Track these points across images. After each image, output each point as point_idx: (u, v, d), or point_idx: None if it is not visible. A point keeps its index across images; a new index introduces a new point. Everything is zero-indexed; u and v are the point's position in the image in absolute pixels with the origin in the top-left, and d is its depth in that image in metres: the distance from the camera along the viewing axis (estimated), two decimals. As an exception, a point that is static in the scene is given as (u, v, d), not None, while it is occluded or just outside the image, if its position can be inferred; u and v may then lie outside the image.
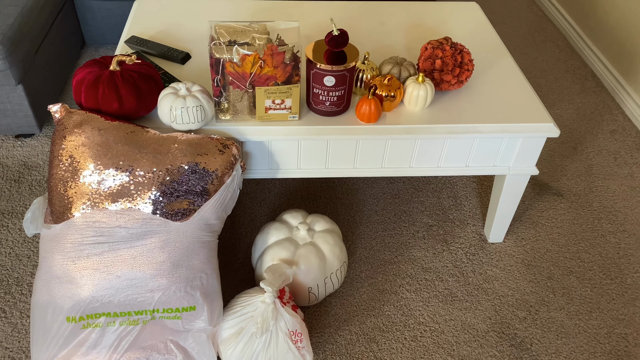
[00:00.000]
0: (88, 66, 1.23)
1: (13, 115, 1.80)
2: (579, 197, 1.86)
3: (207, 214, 1.20)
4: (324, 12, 1.74)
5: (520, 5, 2.97)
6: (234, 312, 1.25)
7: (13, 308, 1.42)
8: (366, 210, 1.76)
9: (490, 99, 1.43)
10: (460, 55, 1.38)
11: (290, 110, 1.30)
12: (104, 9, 2.25)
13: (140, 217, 1.14)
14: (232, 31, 1.23)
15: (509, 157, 1.44)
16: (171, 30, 1.60)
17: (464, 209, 1.79)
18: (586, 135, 2.13)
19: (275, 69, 1.22)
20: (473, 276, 1.59)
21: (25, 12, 1.77)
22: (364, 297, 1.51)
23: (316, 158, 1.39)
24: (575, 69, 2.50)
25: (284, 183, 1.84)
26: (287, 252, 1.38)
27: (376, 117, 1.32)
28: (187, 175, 1.16)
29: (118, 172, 1.13)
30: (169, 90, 1.21)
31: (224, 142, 1.23)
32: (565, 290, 1.57)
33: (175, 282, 1.17)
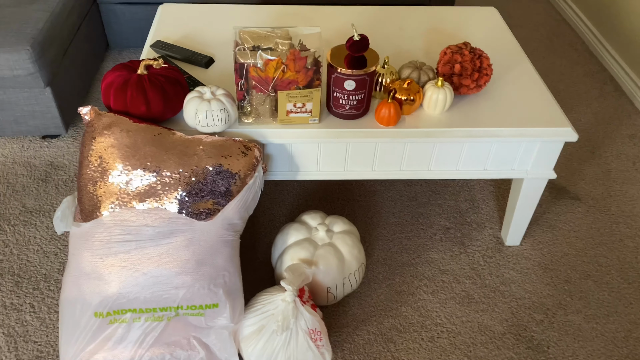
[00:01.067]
0: (117, 70, 1.27)
1: (41, 116, 1.86)
2: (596, 202, 1.87)
3: (231, 213, 1.23)
4: (343, 17, 1.76)
5: (538, 9, 2.97)
6: (255, 309, 1.29)
7: (41, 303, 1.46)
8: (384, 213, 1.79)
9: (508, 103, 1.45)
10: (479, 60, 1.40)
11: (311, 113, 1.33)
12: (127, 13, 2.30)
13: (166, 216, 1.17)
14: (255, 37, 1.26)
15: (527, 160, 1.45)
16: (195, 34, 1.64)
17: (482, 211, 1.81)
18: (604, 140, 2.13)
19: (297, 74, 1.25)
20: (490, 278, 1.60)
21: (54, 17, 1.82)
22: (382, 297, 1.54)
23: (335, 160, 1.42)
24: (594, 73, 2.49)
25: (302, 184, 1.87)
26: (306, 252, 1.41)
27: (395, 121, 1.35)
28: (212, 176, 1.20)
29: (145, 172, 1.17)
30: (195, 94, 1.25)
31: (246, 144, 1.26)
32: (582, 294, 1.58)
33: (199, 279, 1.20)
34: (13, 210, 1.71)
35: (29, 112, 1.84)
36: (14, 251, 1.59)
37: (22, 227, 1.66)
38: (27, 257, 1.58)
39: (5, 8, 1.81)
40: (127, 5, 2.27)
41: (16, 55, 1.66)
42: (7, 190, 1.78)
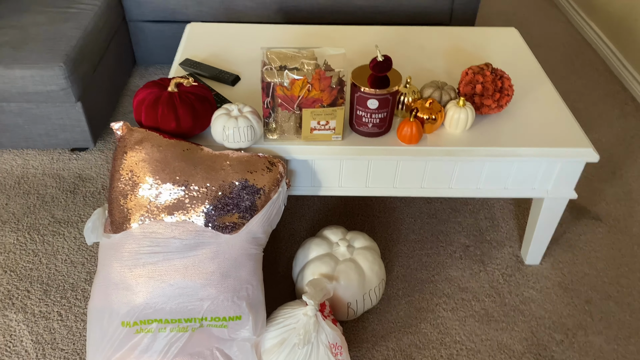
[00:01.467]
0: (148, 87, 1.32)
1: (71, 130, 1.92)
2: (618, 222, 1.86)
3: (255, 227, 1.26)
4: (366, 37, 1.80)
5: (558, 29, 2.98)
6: (277, 323, 1.31)
7: (68, 312, 1.50)
8: (403, 229, 1.80)
9: (529, 122, 1.46)
10: (501, 81, 1.42)
11: (334, 130, 1.37)
12: (155, 31, 2.37)
13: (193, 229, 1.21)
14: (282, 57, 1.30)
15: (547, 180, 1.46)
16: (221, 53, 1.69)
17: (501, 230, 1.81)
18: (626, 160, 2.12)
19: (322, 92, 1.28)
20: (510, 297, 1.61)
21: (86, 34, 1.89)
22: (401, 314, 1.55)
23: (357, 177, 1.44)
24: (615, 93, 2.49)
25: (322, 200, 1.90)
26: (327, 267, 1.43)
27: (417, 139, 1.37)
28: (238, 191, 1.23)
29: (174, 186, 1.20)
30: (222, 111, 1.29)
31: (271, 160, 1.30)
32: (603, 315, 1.57)
33: (223, 292, 1.23)
34: (42, 221, 1.76)
35: (60, 125, 1.91)
36: (43, 260, 1.64)
37: (51, 237, 1.71)
38: (55, 267, 1.62)
39: (40, 26, 1.88)
40: (154, 24, 2.35)
41: (50, 71, 1.72)
42: (37, 201, 1.83)
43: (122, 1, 2.27)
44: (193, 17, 2.31)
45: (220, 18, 2.32)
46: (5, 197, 1.84)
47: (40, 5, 2.00)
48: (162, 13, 2.30)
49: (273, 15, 2.32)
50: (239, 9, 2.29)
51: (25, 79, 1.73)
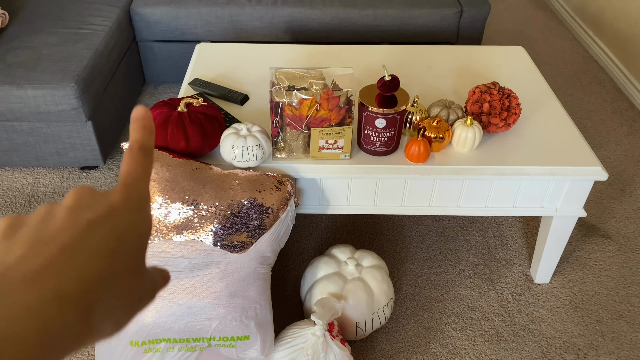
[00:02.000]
0: (158, 107, 1.33)
1: (81, 149, 1.94)
2: (628, 240, 1.85)
3: (263, 246, 1.27)
4: (373, 56, 1.82)
5: (565, 47, 2.99)
6: (285, 342, 1.30)
7: (77, 331, 1.50)
8: (412, 248, 1.80)
9: (537, 141, 1.47)
10: (508, 100, 1.43)
11: (342, 149, 1.37)
12: (164, 50, 2.40)
13: (202, 248, 1.21)
14: (290, 77, 1.32)
15: (556, 199, 1.46)
16: (230, 73, 1.71)
17: (510, 248, 1.80)
18: (635, 178, 2.11)
19: (330, 112, 1.29)
20: (519, 316, 1.59)
21: (97, 55, 1.92)
22: (410, 333, 1.54)
23: (365, 195, 1.45)
24: (623, 110, 2.49)
25: (330, 218, 1.90)
26: (335, 286, 1.43)
27: (425, 158, 1.38)
28: (247, 210, 1.24)
29: (183, 205, 1.21)
30: (231, 131, 1.30)
31: (280, 179, 1.30)
32: (614, 335, 1.55)
33: (231, 311, 1.23)
34: (52, 239, 1.77)
35: (70, 144, 1.93)
36: (52, 279, 1.65)
37: (60, 255, 1.72)
38: (64, 285, 1.63)
39: (53, 47, 1.92)
40: (164, 43, 2.38)
41: (62, 91, 1.75)
42: (47, 219, 1.84)
43: (133, 22, 2.30)
44: (202, 37, 2.35)
45: (229, 38, 2.35)
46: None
47: (52, 27, 2.04)
48: (172, 33, 2.33)
49: (281, 34, 2.35)
50: (247, 29, 2.32)
51: (37, 99, 1.76)
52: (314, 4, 2.29)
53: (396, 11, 2.29)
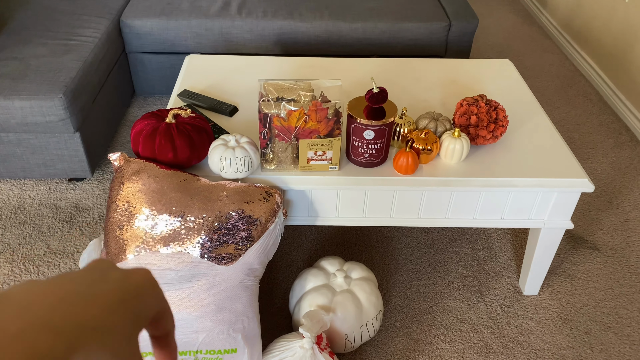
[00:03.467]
0: (146, 118, 1.33)
1: (69, 160, 1.93)
2: (615, 252, 1.86)
3: (251, 258, 1.26)
4: (362, 68, 1.83)
5: (552, 60, 3.03)
6: (273, 355, 1.29)
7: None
8: (401, 259, 1.80)
9: (524, 153, 1.48)
10: (495, 112, 1.44)
11: (331, 161, 1.37)
12: (154, 62, 2.40)
13: (189, 260, 1.20)
14: (279, 88, 1.32)
15: (543, 210, 1.46)
16: (219, 84, 1.71)
17: (499, 260, 1.81)
18: (622, 190, 2.13)
19: (319, 123, 1.30)
20: (508, 328, 1.59)
21: (86, 66, 1.92)
22: (399, 346, 1.53)
23: (354, 207, 1.45)
24: (609, 123, 2.52)
25: (319, 229, 1.89)
26: (324, 298, 1.42)
27: (413, 169, 1.38)
28: (234, 222, 1.23)
29: (171, 217, 1.20)
30: (220, 142, 1.30)
31: (268, 190, 1.30)
32: (603, 347, 1.55)
33: (218, 324, 1.21)
34: (38, 251, 1.75)
35: (58, 155, 1.91)
36: (37, 292, 1.62)
37: (46, 267, 1.70)
38: (49, 298, 1.60)
39: (41, 58, 1.91)
40: (154, 55, 2.38)
41: (49, 102, 1.74)
42: (33, 231, 1.82)
43: (122, 33, 2.31)
44: (192, 49, 2.35)
45: (219, 50, 2.36)
46: (1, 227, 1.84)
47: (41, 38, 2.03)
48: (162, 45, 2.33)
49: (271, 47, 2.36)
50: (237, 41, 2.33)
51: (25, 110, 1.75)
52: (304, 17, 2.31)
53: (385, 25, 2.31)
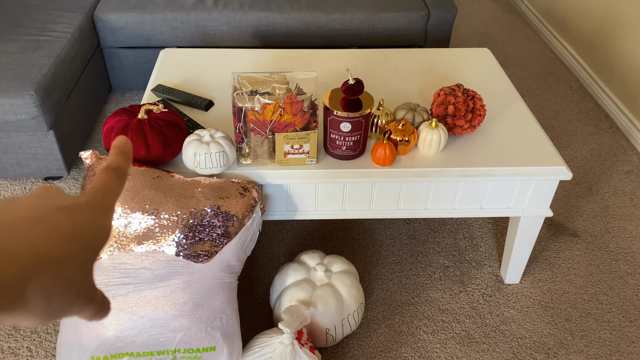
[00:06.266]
0: (117, 115, 1.30)
1: (43, 159, 1.89)
2: (595, 238, 1.87)
3: (228, 255, 1.24)
4: (340, 60, 1.81)
5: (532, 49, 3.03)
6: (253, 352, 1.28)
7: (39, 347, 1.46)
8: (382, 251, 1.79)
9: (502, 142, 1.47)
10: (472, 101, 1.43)
11: (308, 154, 1.36)
12: (130, 57, 2.36)
13: (164, 258, 1.18)
14: (253, 81, 1.30)
15: (522, 199, 1.46)
16: (195, 78, 1.68)
17: (480, 249, 1.81)
18: (601, 176, 2.14)
19: (294, 117, 1.28)
20: (490, 318, 1.59)
21: (58, 62, 1.87)
22: (381, 338, 1.52)
23: (333, 200, 1.43)
24: (589, 110, 2.53)
25: (301, 224, 1.88)
26: (304, 293, 1.41)
27: (391, 161, 1.37)
28: (210, 218, 1.21)
29: (144, 215, 1.18)
30: (194, 137, 1.28)
31: (244, 185, 1.28)
32: (584, 333, 1.56)
33: (196, 322, 1.20)
34: (13, 252, 1.72)
35: (32, 154, 1.87)
36: (13, 294, 1.59)
37: (22, 269, 1.66)
38: (25, 300, 1.57)
39: (11, 54, 1.86)
40: (130, 50, 2.34)
41: (20, 100, 1.70)
42: (8, 232, 1.79)
43: (97, 28, 2.26)
44: (168, 43, 2.31)
45: (196, 43, 2.32)
46: (-25, 228, 1.79)
47: (11, 34, 1.98)
48: (137, 39, 2.29)
49: (249, 39, 2.33)
50: (214, 33, 2.30)
51: (-5, 108, 1.71)
52: (282, 9, 2.28)
53: (364, 15, 2.29)
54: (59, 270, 0.29)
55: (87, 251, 0.31)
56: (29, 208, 0.30)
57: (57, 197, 0.33)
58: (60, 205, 0.31)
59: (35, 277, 0.27)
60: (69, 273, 0.29)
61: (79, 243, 0.31)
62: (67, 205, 0.32)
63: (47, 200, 0.32)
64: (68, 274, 0.29)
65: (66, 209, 0.31)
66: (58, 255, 0.29)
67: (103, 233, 0.34)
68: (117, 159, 0.39)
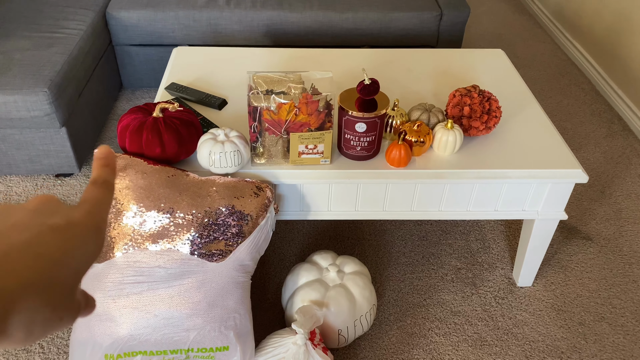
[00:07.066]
0: (132, 113, 1.30)
1: (55, 155, 1.89)
2: (608, 242, 1.85)
3: (242, 255, 1.24)
4: (353, 59, 1.80)
5: (544, 50, 3.01)
6: (266, 352, 1.27)
7: (50, 344, 1.46)
8: (394, 252, 1.78)
9: (518, 144, 1.46)
10: (488, 103, 1.42)
11: (323, 154, 1.35)
12: (141, 55, 2.36)
13: (178, 257, 1.18)
14: (269, 81, 1.29)
15: (537, 202, 1.45)
16: (208, 77, 1.67)
17: (492, 252, 1.80)
18: (614, 179, 2.13)
19: (309, 116, 1.27)
20: (502, 320, 1.58)
21: (71, 59, 1.87)
22: (393, 340, 1.52)
23: (346, 201, 1.42)
24: (601, 112, 2.51)
25: (312, 223, 1.87)
26: (317, 293, 1.40)
27: (406, 162, 1.36)
28: (225, 218, 1.20)
29: (159, 214, 1.18)
30: (209, 136, 1.27)
31: (259, 185, 1.28)
32: (597, 337, 1.55)
33: (210, 321, 1.19)
34: (25, 249, 1.72)
35: (44, 151, 1.88)
36: (25, 290, 1.59)
37: (34, 265, 1.67)
38: (37, 297, 1.58)
39: (25, 51, 1.87)
40: (141, 47, 2.34)
41: (34, 97, 1.70)
42: (20, 228, 1.79)
43: (109, 25, 2.26)
44: (180, 41, 2.31)
45: (207, 41, 2.32)
46: (-13, 225, 1.80)
47: (25, 31, 1.99)
48: (149, 37, 2.29)
49: (261, 38, 2.32)
50: (226, 32, 2.29)
51: (9, 105, 1.71)
52: (294, 7, 2.27)
53: (376, 14, 2.28)
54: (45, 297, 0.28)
55: (76, 273, 0.31)
56: (22, 230, 0.30)
57: (53, 213, 0.32)
58: (54, 224, 0.31)
59: (18, 310, 0.27)
60: (55, 298, 0.29)
61: (68, 266, 0.30)
62: (61, 225, 0.31)
63: (40, 218, 0.31)
64: (54, 299, 0.29)
65: (59, 230, 0.31)
66: (45, 281, 0.28)
67: (94, 252, 0.33)
68: (104, 171, 0.39)
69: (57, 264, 0.29)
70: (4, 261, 0.27)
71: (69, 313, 0.31)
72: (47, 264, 0.29)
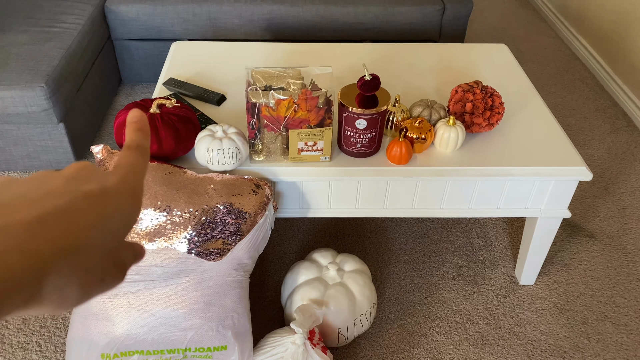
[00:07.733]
0: (129, 109, 1.27)
1: (53, 151, 1.87)
2: (612, 239, 1.83)
3: (240, 253, 1.22)
4: (354, 55, 1.78)
5: (548, 44, 2.98)
6: (265, 352, 1.26)
7: (48, 342, 1.45)
8: (395, 250, 1.76)
9: (521, 141, 1.44)
10: (491, 99, 1.39)
11: (322, 151, 1.33)
12: (140, 49, 2.34)
13: (175, 256, 1.16)
14: (267, 76, 1.27)
15: (540, 199, 1.43)
16: (207, 72, 1.65)
17: (495, 249, 1.78)
18: (618, 176, 2.10)
19: (309, 113, 1.25)
20: (504, 319, 1.56)
21: (69, 54, 1.85)
22: (394, 339, 1.50)
23: (347, 198, 1.41)
24: (606, 108, 2.48)
25: (312, 221, 1.86)
26: (316, 292, 1.38)
27: (407, 159, 1.34)
28: (222, 216, 1.19)
29: (156, 212, 1.16)
30: (206, 133, 1.25)
31: (257, 182, 1.26)
32: (600, 336, 1.53)
33: (207, 321, 1.18)
34: (23, 246, 1.70)
35: (42, 147, 1.86)
36: (22, 287, 1.58)
37: (31, 262, 1.65)
38: (35, 294, 1.56)
39: (22, 46, 1.84)
40: (140, 42, 2.31)
41: (31, 92, 1.68)
42: (18, 225, 1.77)
43: (107, 20, 2.24)
44: (180, 35, 2.29)
45: (207, 36, 2.30)
46: (-15, 221, 1.78)
47: (22, 25, 1.96)
48: (148, 31, 2.27)
49: (261, 32, 2.30)
50: (226, 26, 2.27)
51: (5, 100, 1.69)
52: (294, 1, 2.25)
53: (378, 8, 2.25)
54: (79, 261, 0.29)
55: (113, 236, 0.31)
56: (56, 196, 0.30)
57: (88, 180, 0.32)
58: (88, 191, 0.31)
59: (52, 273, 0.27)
60: (90, 261, 0.29)
61: (103, 230, 0.31)
62: (95, 191, 0.31)
63: (75, 185, 0.31)
64: (89, 262, 0.29)
65: (93, 196, 0.31)
66: (80, 245, 0.29)
67: (131, 215, 0.33)
68: (137, 135, 0.38)
69: (91, 229, 0.30)
70: (38, 227, 0.28)
71: (110, 274, 0.31)
72: (80, 229, 0.29)
